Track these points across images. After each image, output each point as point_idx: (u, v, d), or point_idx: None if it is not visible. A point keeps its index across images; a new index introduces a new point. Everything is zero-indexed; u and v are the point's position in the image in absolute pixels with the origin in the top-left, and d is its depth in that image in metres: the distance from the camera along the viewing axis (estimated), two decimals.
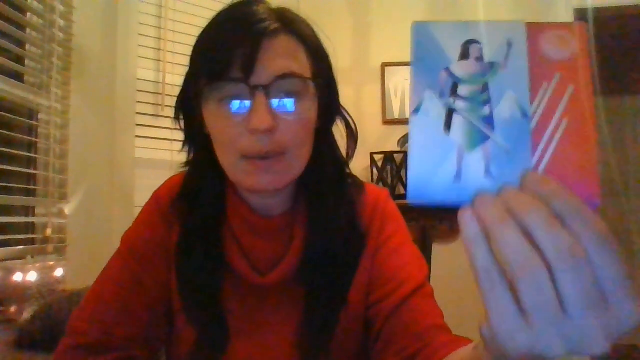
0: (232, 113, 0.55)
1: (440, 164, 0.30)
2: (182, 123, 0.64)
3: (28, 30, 1.50)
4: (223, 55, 0.54)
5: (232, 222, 0.63)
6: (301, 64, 0.57)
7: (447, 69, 0.32)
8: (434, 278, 0.64)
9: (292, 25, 0.58)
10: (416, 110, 0.31)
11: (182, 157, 0.67)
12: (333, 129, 0.66)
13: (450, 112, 0.31)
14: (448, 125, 0.31)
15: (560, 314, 0.25)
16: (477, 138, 0.31)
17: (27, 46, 1.51)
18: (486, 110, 0.31)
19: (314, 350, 0.60)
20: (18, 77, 1.47)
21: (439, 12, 2.34)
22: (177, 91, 0.63)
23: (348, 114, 0.67)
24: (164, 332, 0.65)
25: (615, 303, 0.25)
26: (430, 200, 0.30)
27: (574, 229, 0.26)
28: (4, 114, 1.36)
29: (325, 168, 0.63)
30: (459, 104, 0.31)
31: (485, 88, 0.31)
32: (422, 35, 0.32)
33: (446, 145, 0.31)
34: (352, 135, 0.67)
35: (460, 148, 0.30)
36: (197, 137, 0.63)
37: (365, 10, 2.46)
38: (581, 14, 2.21)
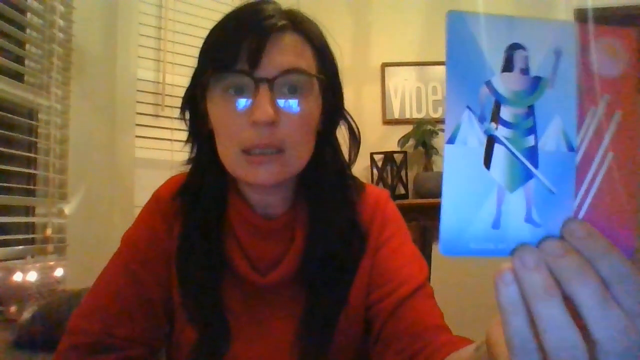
0: (235, 106, 0.55)
1: (478, 208, 0.26)
2: (187, 120, 0.64)
3: (28, 30, 1.50)
4: (230, 48, 0.55)
5: (233, 222, 0.63)
6: (307, 62, 0.57)
7: (489, 83, 0.26)
8: (433, 278, 0.64)
9: (300, 24, 0.59)
10: (452, 138, 0.26)
11: (182, 157, 0.67)
12: (336, 133, 0.66)
13: (491, 142, 0.26)
14: (489, 158, 0.26)
15: None
16: (520, 176, 0.26)
17: (27, 46, 1.51)
18: (531, 140, 0.26)
19: (313, 351, 0.60)
20: (18, 77, 1.47)
21: (439, 12, 2.34)
22: (177, 91, 0.64)
23: (351, 117, 0.67)
24: (164, 332, 0.65)
25: None
26: (466, 251, 0.26)
27: (621, 299, 0.23)
28: (4, 114, 1.36)
29: (327, 171, 0.63)
30: (501, 131, 0.26)
31: (530, 111, 0.26)
32: (459, 30, 0.26)
33: (485, 184, 0.26)
34: (355, 139, 0.67)
35: (500, 188, 0.26)
36: (200, 134, 0.63)
37: (365, 10, 2.46)
38: (581, 14, 2.21)
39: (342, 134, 0.67)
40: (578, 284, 0.24)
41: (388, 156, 2.26)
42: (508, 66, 0.26)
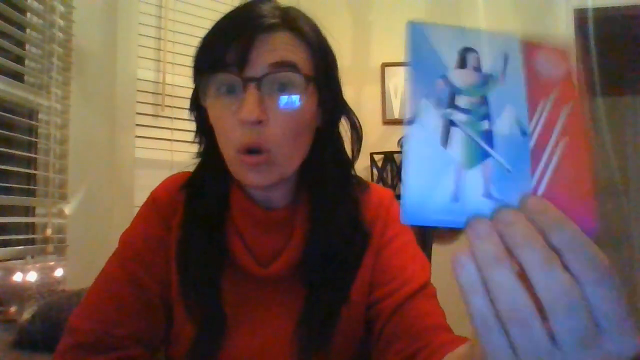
0: (228, 105, 0.56)
1: (438, 182, 0.28)
2: (195, 117, 0.65)
3: (28, 30, 1.50)
4: (219, 48, 0.55)
5: (235, 215, 0.64)
6: (298, 59, 0.57)
7: (445, 77, 0.30)
8: (434, 278, 0.64)
9: (292, 22, 0.58)
10: (411, 122, 0.29)
11: (182, 157, 0.68)
12: (337, 129, 0.66)
13: (448, 125, 0.29)
14: (446, 138, 0.29)
15: (555, 353, 0.25)
16: (477, 155, 0.29)
17: (27, 46, 1.51)
18: (485, 124, 0.29)
19: (312, 346, 0.60)
20: (18, 77, 1.47)
21: (439, 12, 2.34)
22: (177, 91, 0.65)
23: (353, 113, 0.67)
24: (163, 331, 0.65)
25: (612, 337, 0.25)
26: (426, 221, 0.28)
27: (571, 265, 0.25)
28: (4, 114, 1.36)
29: (328, 168, 0.63)
30: (458, 116, 0.29)
31: (484, 101, 0.30)
32: (418, 37, 0.30)
33: (444, 161, 0.29)
34: (357, 136, 0.67)
35: (458, 165, 0.29)
36: (206, 131, 0.64)
37: (365, 10, 2.46)
38: (581, 14, 2.21)
39: (344, 131, 0.67)
40: (524, 249, 0.25)
41: (388, 156, 2.26)
42: (462, 64, 0.30)
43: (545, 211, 0.26)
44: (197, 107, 0.63)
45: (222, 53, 0.55)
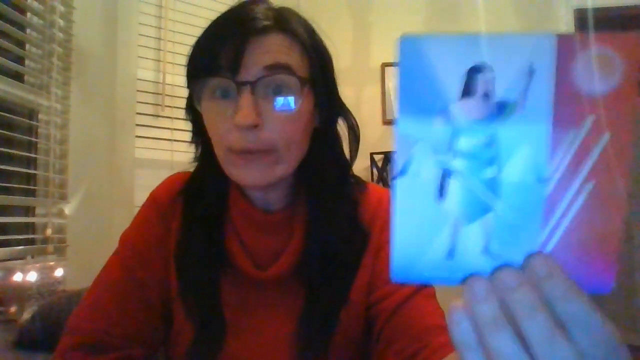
0: (222, 108, 0.56)
1: (431, 240, 0.25)
2: (191, 120, 0.65)
3: (28, 30, 1.50)
4: (211, 52, 0.55)
5: (233, 217, 0.64)
6: (292, 61, 0.57)
7: (445, 112, 0.24)
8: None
9: (285, 23, 0.58)
10: (403, 170, 0.25)
11: (182, 157, 0.68)
12: (335, 129, 0.66)
13: (446, 174, 0.25)
14: (442, 190, 0.25)
15: None
16: (477, 208, 0.25)
17: (27, 46, 1.51)
18: (491, 171, 0.24)
19: (311, 348, 0.60)
20: (18, 77, 1.47)
21: (439, 12, 2.34)
22: (177, 91, 0.65)
23: (351, 114, 0.67)
24: (163, 332, 0.65)
25: None
26: (418, 279, 0.26)
27: (576, 339, 0.23)
28: (4, 114, 1.36)
29: (326, 168, 0.63)
30: (458, 163, 0.25)
31: (492, 140, 0.24)
32: (412, 57, 0.24)
33: (439, 215, 0.25)
34: (355, 136, 0.67)
35: (456, 220, 0.25)
36: (202, 134, 0.64)
37: (365, 10, 2.46)
38: (581, 14, 2.21)
39: (341, 131, 0.67)
40: (527, 319, 0.24)
41: (388, 156, 2.26)
42: (468, 91, 0.24)
43: (551, 277, 0.24)
44: (193, 110, 0.63)
45: (215, 57, 0.54)
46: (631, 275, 3.60)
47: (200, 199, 0.64)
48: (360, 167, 2.26)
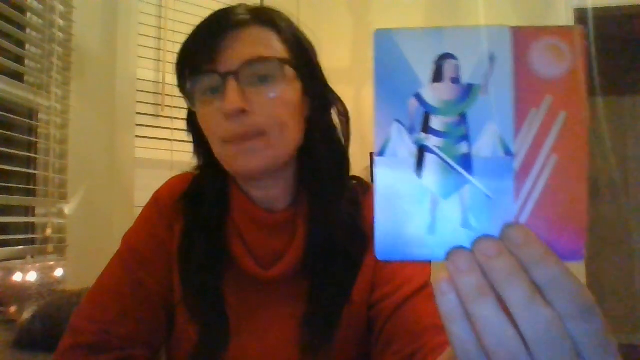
0: (211, 103, 0.57)
1: (412, 215, 0.26)
2: (192, 132, 0.67)
3: (28, 30, 1.50)
4: (192, 51, 0.58)
5: (236, 218, 0.64)
6: (272, 49, 0.58)
7: (418, 95, 0.27)
8: (434, 277, 0.64)
9: (262, 16, 0.60)
10: (382, 151, 0.27)
11: (182, 157, 0.68)
12: (327, 119, 0.66)
13: (422, 152, 0.27)
14: (420, 167, 0.27)
15: None
16: (454, 182, 0.26)
17: (27, 46, 1.51)
18: (464, 147, 0.26)
19: (315, 347, 0.60)
20: (18, 77, 1.47)
21: (439, 12, 2.34)
22: (177, 91, 0.66)
23: (341, 101, 0.67)
24: (165, 332, 0.65)
25: None
26: (402, 256, 0.27)
27: (554, 301, 0.24)
28: (4, 114, 1.36)
29: (322, 158, 0.63)
30: (432, 140, 0.27)
31: (462, 119, 0.27)
32: (386, 48, 0.27)
33: (418, 192, 0.26)
34: (346, 121, 0.67)
35: (434, 195, 0.26)
36: (201, 142, 0.64)
37: (365, 10, 2.46)
38: (581, 14, 2.21)
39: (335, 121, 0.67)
40: (507, 285, 0.25)
41: None
42: (438, 77, 0.27)
43: (527, 244, 0.25)
44: (194, 119, 0.64)
45: (197, 57, 0.57)
46: (631, 276, 3.60)
47: (201, 201, 0.64)
48: (360, 167, 2.26)
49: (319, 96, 0.64)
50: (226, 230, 0.64)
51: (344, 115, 0.67)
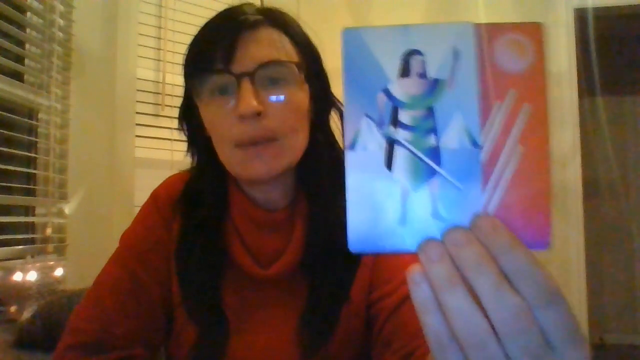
0: (223, 104, 0.57)
1: (383, 207, 0.27)
2: (185, 130, 0.66)
3: (28, 30, 1.50)
4: (206, 50, 0.57)
5: (235, 217, 0.64)
6: (286, 52, 0.58)
7: (386, 90, 0.27)
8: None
9: (274, 17, 0.60)
10: (352, 144, 0.27)
11: (183, 158, 0.69)
12: (328, 121, 0.67)
13: (391, 145, 0.27)
14: (389, 160, 0.27)
15: None
16: (423, 174, 0.27)
17: (27, 46, 1.51)
18: (432, 140, 0.27)
19: (314, 347, 0.60)
20: (18, 77, 1.47)
21: (439, 12, 2.34)
22: (177, 91, 0.66)
23: (341, 103, 0.67)
24: (164, 331, 0.65)
25: (564, 353, 0.25)
26: (374, 248, 0.27)
27: (521, 289, 0.25)
28: (4, 114, 1.36)
29: (322, 160, 0.64)
30: (401, 134, 0.27)
31: (430, 113, 0.27)
32: (354, 45, 0.28)
33: (389, 184, 0.27)
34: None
35: (404, 187, 0.27)
36: (199, 140, 0.64)
37: (365, 10, 2.46)
38: (581, 14, 2.21)
39: (335, 124, 0.68)
40: (476, 273, 0.25)
41: None
42: (405, 72, 0.27)
43: (495, 233, 0.26)
44: (188, 117, 0.63)
45: (211, 54, 0.56)
46: (631, 276, 3.59)
47: (200, 201, 0.64)
48: None
49: (323, 100, 0.64)
50: (225, 229, 0.64)
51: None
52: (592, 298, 2.19)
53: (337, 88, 0.66)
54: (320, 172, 0.63)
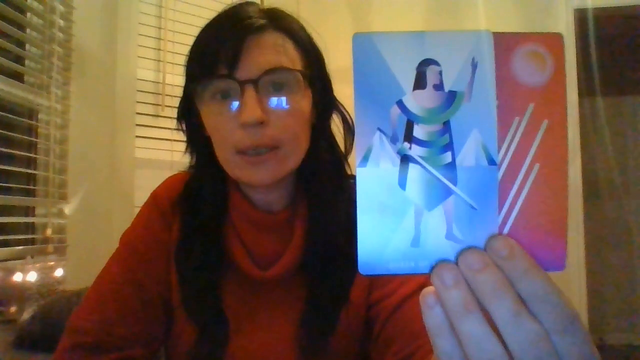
0: (225, 109, 0.56)
1: (395, 229, 0.26)
2: (184, 129, 0.66)
3: (28, 30, 1.50)
4: (210, 53, 0.55)
5: (234, 219, 0.64)
6: (290, 58, 0.58)
7: (400, 103, 0.26)
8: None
9: (280, 22, 0.59)
10: (364, 161, 0.26)
11: (183, 158, 0.68)
12: (330, 125, 0.67)
13: (405, 162, 0.26)
14: (403, 178, 0.26)
15: None
16: (438, 193, 0.26)
17: (27, 46, 1.51)
18: (447, 157, 0.26)
19: (313, 348, 0.60)
20: (18, 77, 1.46)
21: (439, 12, 2.34)
22: (177, 91, 0.65)
23: (344, 107, 0.67)
24: (164, 331, 0.65)
25: None
26: (385, 271, 0.26)
27: (539, 315, 0.24)
28: (4, 114, 1.36)
29: (323, 162, 0.64)
30: (415, 150, 0.26)
31: (446, 128, 0.26)
32: (366, 53, 0.26)
33: (402, 203, 0.26)
34: (349, 129, 0.67)
35: (417, 207, 0.26)
36: (198, 141, 0.64)
37: (365, 10, 2.46)
38: (581, 14, 2.21)
39: (336, 126, 0.67)
40: (493, 299, 0.24)
41: None
42: (420, 83, 0.26)
43: (512, 257, 0.25)
44: (187, 116, 0.63)
45: (215, 58, 0.55)
46: (632, 276, 3.59)
47: (199, 202, 0.64)
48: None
49: (325, 105, 0.64)
50: (224, 230, 0.64)
51: (348, 123, 0.67)
52: (592, 298, 2.19)
53: (337, 88, 0.66)
54: (321, 174, 0.63)
